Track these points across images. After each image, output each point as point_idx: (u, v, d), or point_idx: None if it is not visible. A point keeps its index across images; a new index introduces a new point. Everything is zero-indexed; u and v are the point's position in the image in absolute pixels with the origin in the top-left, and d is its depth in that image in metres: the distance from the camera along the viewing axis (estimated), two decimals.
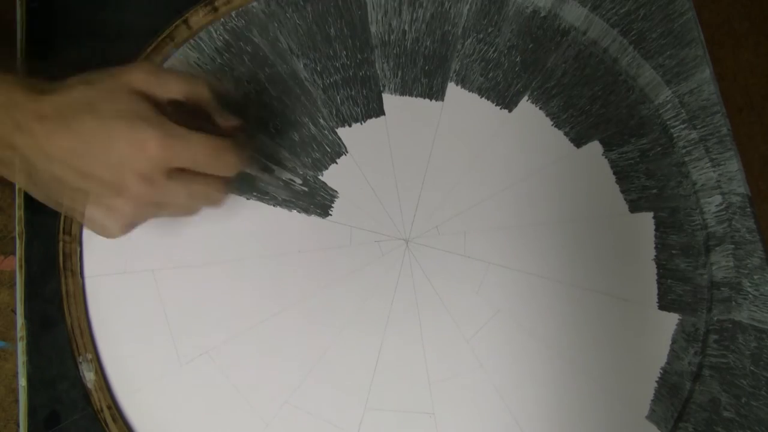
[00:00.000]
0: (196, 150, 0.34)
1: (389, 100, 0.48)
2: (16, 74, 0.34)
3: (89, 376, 0.41)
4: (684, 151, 0.49)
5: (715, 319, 0.46)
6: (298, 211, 0.46)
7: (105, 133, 0.33)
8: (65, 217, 0.43)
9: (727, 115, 0.49)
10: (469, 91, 0.49)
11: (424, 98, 0.49)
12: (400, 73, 0.49)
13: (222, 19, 0.48)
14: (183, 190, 0.35)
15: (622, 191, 0.48)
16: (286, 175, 0.45)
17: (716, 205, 0.48)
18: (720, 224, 0.47)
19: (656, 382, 0.45)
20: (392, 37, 0.49)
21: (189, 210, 0.38)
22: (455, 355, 0.44)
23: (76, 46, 0.47)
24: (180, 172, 0.35)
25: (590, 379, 0.44)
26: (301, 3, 0.49)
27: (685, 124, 0.49)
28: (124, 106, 0.34)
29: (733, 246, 0.47)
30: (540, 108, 0.49)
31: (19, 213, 0.44)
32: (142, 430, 0.41)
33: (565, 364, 0.44)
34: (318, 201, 0.46)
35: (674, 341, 0.45)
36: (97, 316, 0.43)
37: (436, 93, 0.49)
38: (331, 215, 0.46)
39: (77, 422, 0.41)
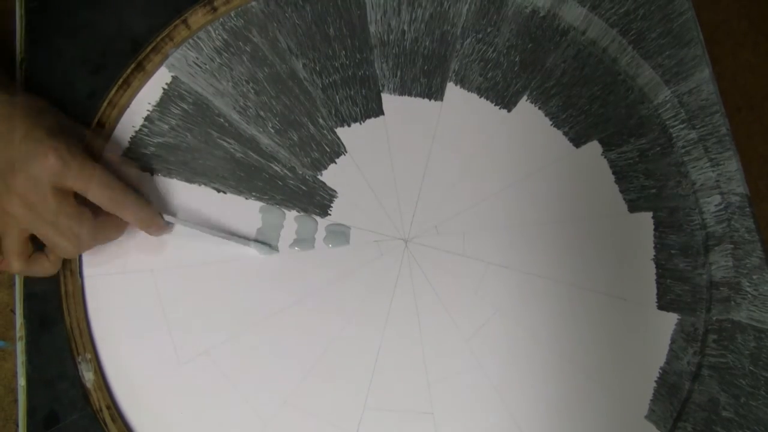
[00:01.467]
0: (92, 180, 0.37)
1: (388, 99, 0.48)
2: None
3: (88, 376, 0.41)
4: (683, 150, 0.49)
5: (714, 318, 0.46)
6: (297, 211, 0.46)
7: (28, 129, 0.37)
8: None
9: (726, 115, 0.49)
10: (468, 91, 0.49)
11: (423, 98, 0.49)
12: (399, 73, 0.49)
13: (221, 19, 0.48)
14: (55, 210, 0.37)
15: (621, 191, 0.48)
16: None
17: (715, 205, 0.48)
18: (719, 224, 0.47)
19: (655, 381, 0.45)
20: (391, 36, 0.49)
21: (55, 242, 0.38)
22: (454, 354, 0.44)
23: (76, 46, 0.47)
24: (66, 196, 0.37)
25: (589, 378, 0.44)
26: (300, 3, 0.49)
27: (684, 124, 0.49)
28: (59, 125, 0.38)
29: (732, 246, 0.47)
30: (539, 108, 0.49)
31: None
32: (141, 430, 0.41)
33: (563, 363, 0.44)
34: (317, 201, 0.46)
35: (673, 341, 0.45)
36: (96, 316, 0.43)
37: (435, 93, 0.49)
38: (330, 215, 0.46)
39: (76, 422, 0.41)
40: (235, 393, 0.42)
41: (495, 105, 0.49)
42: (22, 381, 0.41)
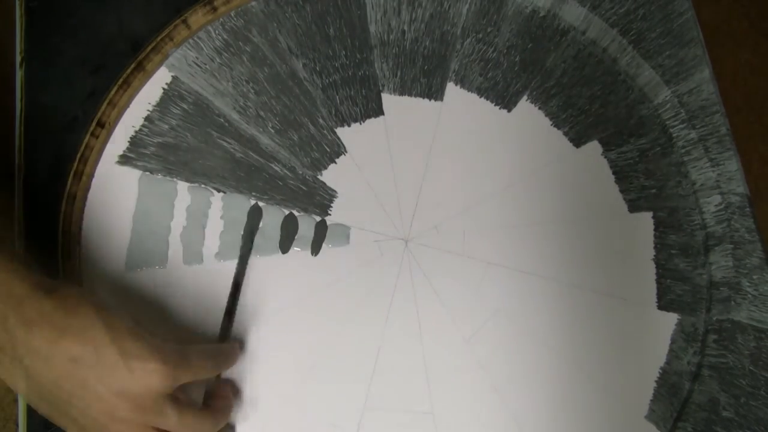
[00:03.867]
0: (197, 371, 0.35)
1: (388, 99, 0.48)
2: (16, 260, 0.34)
3: None
4: (683, 150, 0.49)
5: (714, 318, 0.46)
6: (297, 211, 0.46)
7: (116, 350, 0.32)
8: (64, 216, 0.43)
9: (726, 115, 0.49)
10: (469, 91, 0.49)
11: (424, 98, 0.49)
12: (399, 73, 0.49)
13: (221, 19, 0.48)
14: (174, 415, 0.33)
15: (621, 191, 0.48)
16: None
17: (715, 205, 0.48)
18: (719, 224, 0.47)
19: (655, 381, 0.45)
20: (391, 36, 0.49)
21: None
22: (454, 354, 0.44)
23: (76, 46, 0.47)
24: (175, 398, 0.34)
25: (589, 378, 0.44)
26: (300, 2, 0.49)
27: (685, 124, 0.49)
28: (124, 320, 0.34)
29: (732, 246, 0.47)
30: (539, 108, 0.49)
31: (18, 213, 0.44)
32: None
33: (564, 363, 0.44)
34: (317, 201, 0.46)
35: (673, 341, 0.45)
36: None
37: (435, 93, 0.49)
38: (330, 215, 0.46)
39: None
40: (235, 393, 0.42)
41: (495, 105, 0.49)
42: None
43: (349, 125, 0.48)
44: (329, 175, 0.47)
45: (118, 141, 0.45)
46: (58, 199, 0.44)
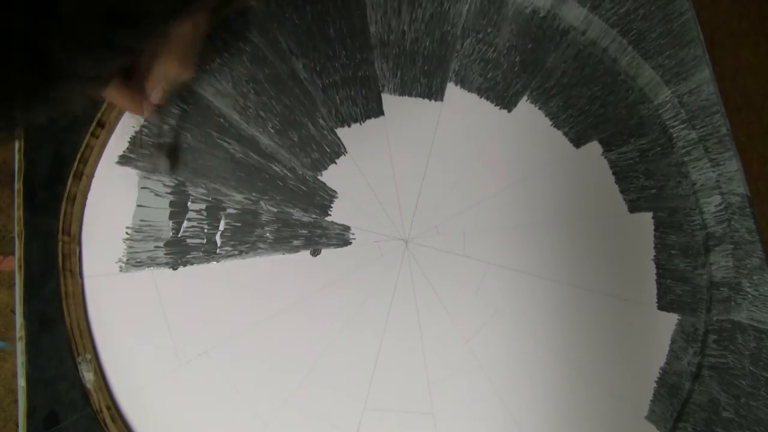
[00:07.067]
0: None
1: (388, 100, 0.48)
2: None
3: (88, 377, 0.41)
4: (683, 151, 0.49)
5: (715, 319, 0.46)
6: (297, 212, 0.46)
7: None
8: (65, 217, 0.43)
9: (727, 115, 0.49)
10: (469, 91, 0.49)
11: (424, 98, 0.49)
12: (399, 73, 0.49)
13: (222, 19, 0.48)
14: None
15: (622, 191, 0.48)
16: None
17: (715, 205, 0.48)
18: (719, 224, 0.47)
19: (655, 382, 0.45)
20: (391, 37, 0.49)
21: None
22: (454, 355, 0.44)
23: None
24: None
25: (589, 379, 0.44)
26: (300, 3, 0.49)
27: (685, 124, 0.49)
28: None
29: (732, 246, 0.47)
30: (539, 108, 0.49)
31: (18, 213, 0.44)
32: (141, 431, 0.41)
33: (563, 364, 0.44)
34: (317, 201, 0.46)
35: (673, 341, 0.45)
36: (96, 317, 0.43)
37: (435, 93, 0.49)
38: (330, 215, 0.46)
39: (76, 422, 0.41)
40: (236, 393, 0.42)
41: (495, 105, 0.49)
42: (22, 381, 0.41)
43: (349, 125, 0.48)
44: (329, 175, 0.47)
45: (118, 141, 0.45)
46: (58, 199, 0.44)
